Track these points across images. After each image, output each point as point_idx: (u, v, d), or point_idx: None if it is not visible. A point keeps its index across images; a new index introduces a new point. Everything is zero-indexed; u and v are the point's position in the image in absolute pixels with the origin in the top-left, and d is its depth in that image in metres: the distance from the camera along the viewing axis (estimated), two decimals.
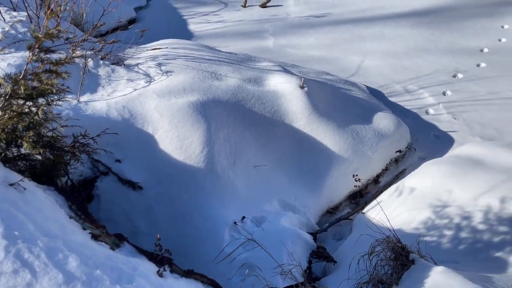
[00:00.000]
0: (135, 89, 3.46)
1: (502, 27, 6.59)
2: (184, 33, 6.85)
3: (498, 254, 2.47)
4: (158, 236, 2.04)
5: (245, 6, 8.01)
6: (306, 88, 4.00)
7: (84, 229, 1.89)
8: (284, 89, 3.96)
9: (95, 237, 1.92)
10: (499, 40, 6.25)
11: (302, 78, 4.05)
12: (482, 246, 2.56)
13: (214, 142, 3.23)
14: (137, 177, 3.06)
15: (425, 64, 5.82)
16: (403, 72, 5.68)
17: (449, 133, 4.58)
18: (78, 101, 3.25)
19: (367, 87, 5.33)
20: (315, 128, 3.81)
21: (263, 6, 8.00)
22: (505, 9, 7.10)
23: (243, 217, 3.02)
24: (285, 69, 4.55)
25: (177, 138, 3.14)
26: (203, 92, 3.55)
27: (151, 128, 3.19)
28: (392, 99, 5.20)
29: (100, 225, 1.97)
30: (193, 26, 7.12)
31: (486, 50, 6.03)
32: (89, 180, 3.06)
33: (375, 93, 5.27)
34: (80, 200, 2.80)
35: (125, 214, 2.96)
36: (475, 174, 3.08)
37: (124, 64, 3.85)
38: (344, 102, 4.37)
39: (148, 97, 3.36)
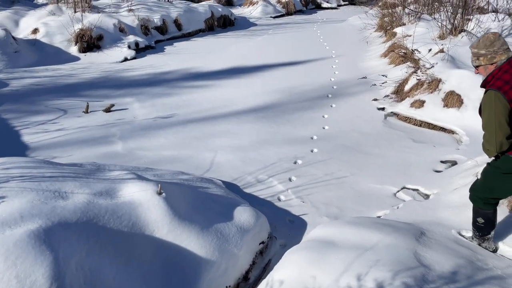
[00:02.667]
0: None
1: (323, 116, 7.87)
2: (17, 147, 6.14)
3: None
4: None
5: (87, 112, 7.74)
6: (164, 193, 3.91)
7: None
8: (141, 198, 3.80)
9: None
10: (323, 128, 7.40)
11: (159, 184, 3.97)
12: None
13: (64, 274, 2.79)
14: None
15: (270, 154, 6.42)
16: (252, 164, 6.12)
17: (301, 216, 4.98)
18: None
19: (223, 181, 5.52)
20: (179, 234, 3.68)
21: (107, 110, 7.86)
22: (321, 102, 8.56)
23: None
24: (139, 176, 4.41)
25: (17, 279, 2.62)
26: (45, 217, 3.12)
27: None
28: (247, 191, 5.48)
29: None
30: (27, 138, 6.46)
31: (315, 137, 7.03)
32: None
33: (230, 186, 5.49)
34: None
35: None
36: (331, 255, 3.35)
37: None
38: (204, 201, 4.40)
39: None
